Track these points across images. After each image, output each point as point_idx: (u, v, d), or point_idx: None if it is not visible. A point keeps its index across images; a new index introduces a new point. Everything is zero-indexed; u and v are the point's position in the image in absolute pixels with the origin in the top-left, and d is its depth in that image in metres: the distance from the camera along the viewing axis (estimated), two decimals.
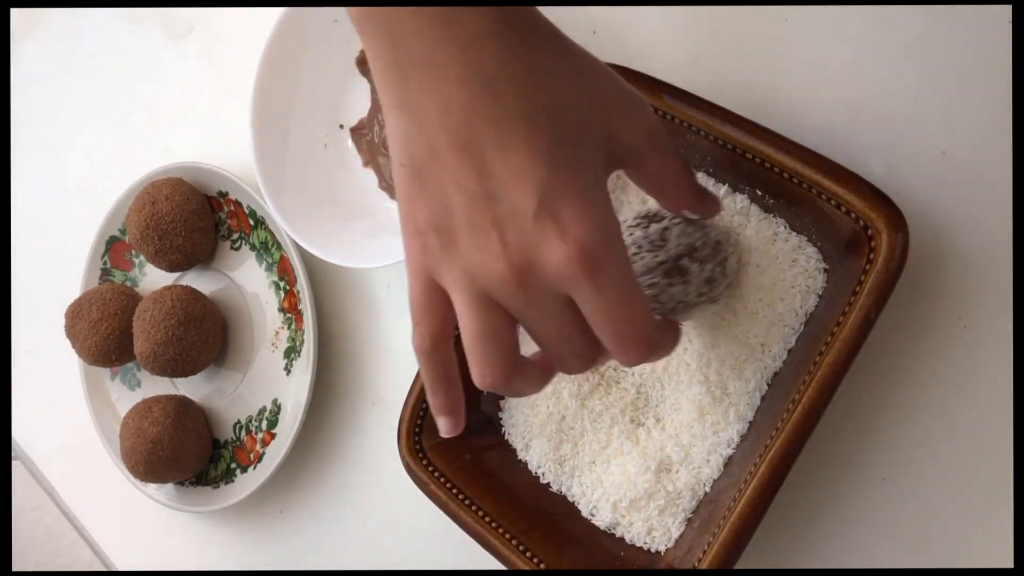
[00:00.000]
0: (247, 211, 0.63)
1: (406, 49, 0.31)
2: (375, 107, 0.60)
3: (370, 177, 0.60)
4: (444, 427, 0.36)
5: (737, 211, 0.45)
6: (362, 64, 0.60)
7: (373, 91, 0.60)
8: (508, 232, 0.31)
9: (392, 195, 0.59)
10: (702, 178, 0.46)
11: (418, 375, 0.51)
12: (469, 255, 0.32)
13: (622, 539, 0.48)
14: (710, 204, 0.39)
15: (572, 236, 0.30)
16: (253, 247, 0.64)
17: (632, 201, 0.48)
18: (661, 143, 0.35)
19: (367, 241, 0.57)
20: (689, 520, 0.46)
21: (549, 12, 0.34)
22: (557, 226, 0.30)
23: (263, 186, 0.58)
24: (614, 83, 0.34)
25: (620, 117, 0.34)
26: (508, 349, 0.33)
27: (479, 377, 0.34)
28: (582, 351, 0.33)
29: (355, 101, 0.60)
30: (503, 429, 0.53)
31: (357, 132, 0.60)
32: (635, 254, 0.41)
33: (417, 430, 0.51)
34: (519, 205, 0.30)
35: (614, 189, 0.48)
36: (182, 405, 0.65)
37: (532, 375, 0.35)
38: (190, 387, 0.68)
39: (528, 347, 0.34)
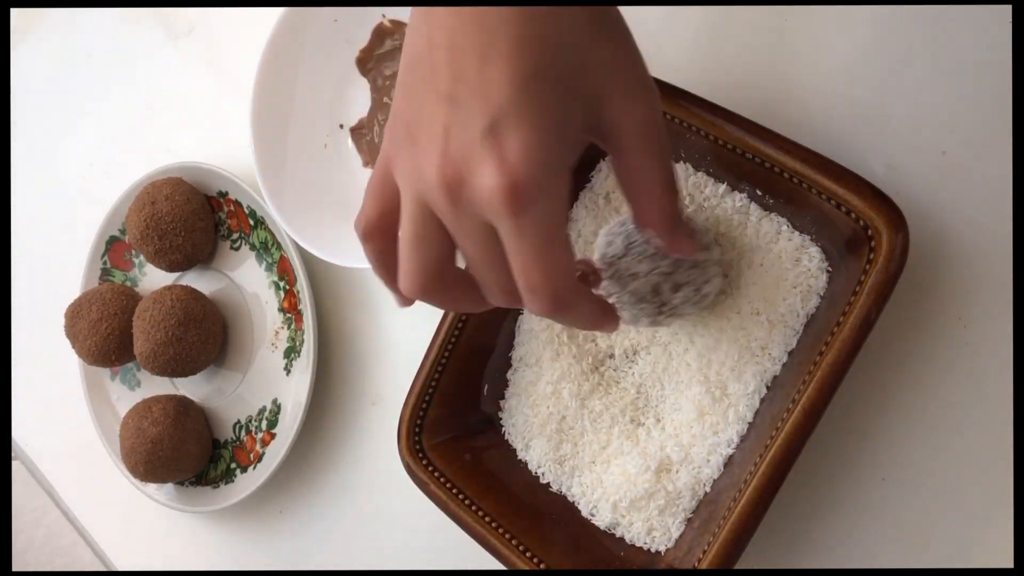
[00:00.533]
0: (247, 211, 0.63)
1: None
2: (375, 107, 0.60)
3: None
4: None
5: (736, 210, 0.45)
6: (362, 64, 0.60)
7: (373, 91, 0.60)
8: (452, 141, 0.30)
9: None
10: (702, 178, 0.46)
11: (418, 375, 0.51)
12: (418, 155, 0.31)
13: (622, 539, 0.48)
14: (681, 241, 0.37)
15: (508, 167, 0.29)
16: (253, 247, 0.64)
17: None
18: (650, 141, 0.33)
19: None
20: (689, 520, 0.46)
21: None
22: (498, 151, 0.29)
23: (263, 186, 0.58)
24: (631, 57, 0.33)
25: (619, 88, 0.32)
26: (433, 258, 0.33)
27: (400, 279, 0.33)
28: (503, 284, 0.32)
29: (355, 101, 0.60)
30: (503, 429, 0.53)
31: (357, 132, 0.60)
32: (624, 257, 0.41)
33: (417, 430, 0.51)
34: (473, 118, 0.29)
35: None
36: (182, 405, 0.65)
37: (458, 293, 0.34)
38: (190, 387, 0.68)
39: None
